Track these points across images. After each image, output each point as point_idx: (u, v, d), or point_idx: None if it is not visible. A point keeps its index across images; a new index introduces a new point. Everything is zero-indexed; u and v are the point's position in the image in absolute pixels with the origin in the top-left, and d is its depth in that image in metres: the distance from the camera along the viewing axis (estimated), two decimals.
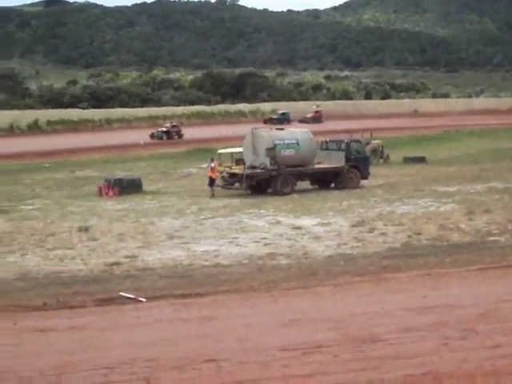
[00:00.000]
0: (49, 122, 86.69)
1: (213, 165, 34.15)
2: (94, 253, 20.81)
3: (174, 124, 79.63)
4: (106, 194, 33.74)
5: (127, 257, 20.10)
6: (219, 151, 39.14)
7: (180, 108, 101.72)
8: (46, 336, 13.05)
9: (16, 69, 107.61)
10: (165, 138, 74.29)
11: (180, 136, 76.08)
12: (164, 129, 76.68)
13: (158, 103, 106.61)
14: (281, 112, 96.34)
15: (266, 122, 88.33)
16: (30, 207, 30.47)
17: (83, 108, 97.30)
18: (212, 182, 33.69)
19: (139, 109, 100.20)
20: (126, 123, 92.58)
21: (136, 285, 17.05)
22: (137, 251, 20.85)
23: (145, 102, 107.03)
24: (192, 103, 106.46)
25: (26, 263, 19.70)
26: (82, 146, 66.19)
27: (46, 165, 51.53)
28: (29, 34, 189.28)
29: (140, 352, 11.57)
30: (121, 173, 39.92)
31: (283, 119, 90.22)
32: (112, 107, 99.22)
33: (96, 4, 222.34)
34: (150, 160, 53.35)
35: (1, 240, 22.82)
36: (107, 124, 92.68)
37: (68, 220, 26.51)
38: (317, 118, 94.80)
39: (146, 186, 35.70)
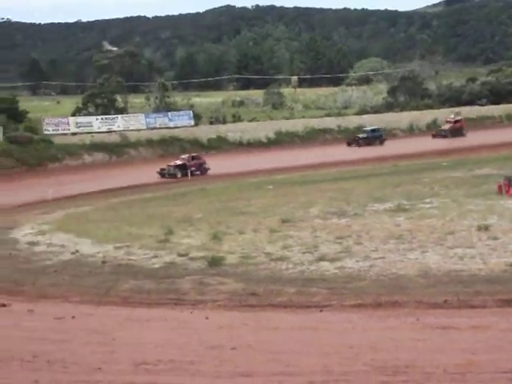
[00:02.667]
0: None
1: None
2: (494, 252, 20.34)
3: None
4: (507, 192, 32.72)
5: None
6: None
7: None
8: (447, 333, 13.13)
9: (416, 70, 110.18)
10: None
11: None
12: None
13: None
14: (370, 128, 75.00)
15: (349, 144, 71.11)
16: (428, 205, 30.89)
17: (482, 105, 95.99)
18: None
19: None
20: None
21: None
22: None
23: None
24: None
25: (427, 260, 20.03)
26: (485, 142, 65.28)
27: (444, 163, 51.84)
28: (429, 35, 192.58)
29: None
30: None
31: (374, 137, 71.43)
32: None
33: None
34: None
35: (402, 237, 23.50)
36: (507, 120, 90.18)
37: (467, 218, 26.28)
38: (457, 130, 73.42)
39: None
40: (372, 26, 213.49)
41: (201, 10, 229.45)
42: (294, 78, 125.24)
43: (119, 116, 69.88)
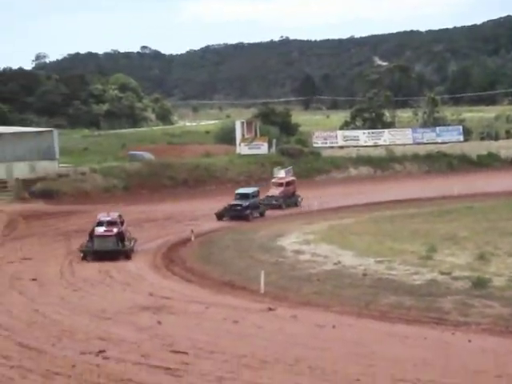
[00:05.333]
0: None
1: None
2: None
3: None
4: None
5: None
6: None
7: None
8: None
9: None
10: None
11: None
12: None
13: None
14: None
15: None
16: None
17: None
18: None
19: None
20: None
21: None
22: None
23: None
24: None
25: None
26: None
27: None
28: None
29: None
30: None
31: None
32: None
33: None
34: None
35: None
36: None
37: None
38: (290, 196, 44.42)
39: None
40: None
41: (478, 22, 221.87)
42: None
43: (386, 130, 70.02)
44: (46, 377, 14.63)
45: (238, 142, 59.71)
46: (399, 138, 67.87)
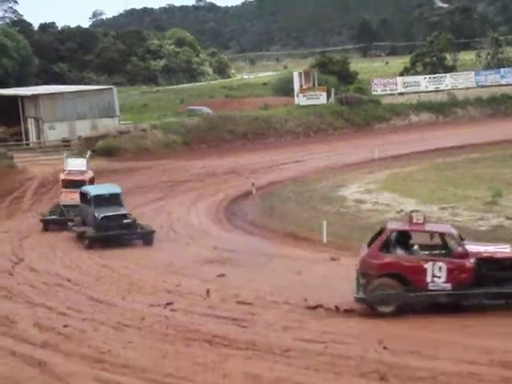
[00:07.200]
0: None
1: None
2: None
3: None
4: None
5: None
6: None
7: None
8: None
9: None
10: None
11: None
12: None
13: None
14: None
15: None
16: None
17: None
18: None
19: None
20: None
21: None
22: None
23: None
24: None
25: None
26: None
27: None
28: None
29: None
30: None
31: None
32: None
33: None
34: None
35: None
36: None
37: None
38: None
39: None
40: None
41: None
42: None
43: (447, 74, 68.36)
44: (117, 329, 15.09)
45: (296, 92, 59.27)
46: (461, 81, 66.23)
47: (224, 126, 51.71)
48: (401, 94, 63.37)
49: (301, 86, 59.07)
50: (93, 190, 25.75)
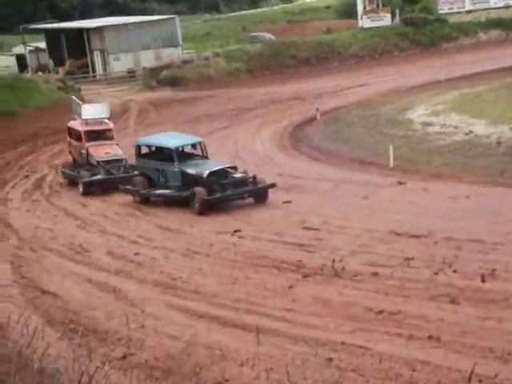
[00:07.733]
0: None
1: None
2: None
3: None
4: None
5: None
6: None
7: None
8: None
9: None
10: None
11: None
12: None
13: None
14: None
15: None
16: None
17: None
18: None
19: None
20: None
21: None
22: None
23: None
24: None
25: None
26: None
27: None
28: None
29: None
30: None
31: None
32: None
33: None
34: None
35: None
36: None
37: None
38: None
39: None
40: None
41: None
42: None
43: None
44: (187, 256, 15.38)
45: (359, 15, 57.86)
46: None
47: (287, 51, 51.04)
48: (469, 11, 61.13)
49: (364, 8, 57.61)
50: (168, 142, 20.51)
